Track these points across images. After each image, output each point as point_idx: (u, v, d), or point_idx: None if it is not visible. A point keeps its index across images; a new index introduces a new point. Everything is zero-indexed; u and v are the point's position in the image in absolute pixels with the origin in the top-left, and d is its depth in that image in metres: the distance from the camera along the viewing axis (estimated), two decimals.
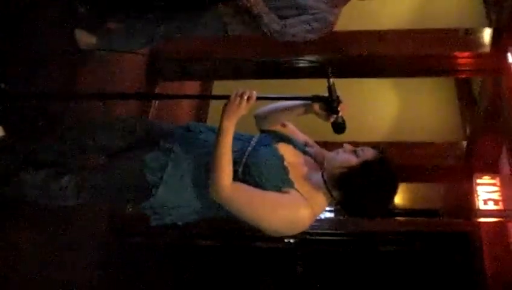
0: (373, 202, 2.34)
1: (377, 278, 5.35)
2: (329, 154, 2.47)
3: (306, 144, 2.70)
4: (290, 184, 2.39)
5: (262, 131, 2.70)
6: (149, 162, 2.56)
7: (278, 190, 2.37)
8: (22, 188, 2.79)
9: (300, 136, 2.74)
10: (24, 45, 3.39)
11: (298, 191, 2.38)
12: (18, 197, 2.87)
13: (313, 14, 3.65)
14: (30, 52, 3.44)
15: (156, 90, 5.67)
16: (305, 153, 2.63)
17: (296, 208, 2.34)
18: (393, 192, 2.38)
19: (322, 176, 2.42)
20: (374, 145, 2.49)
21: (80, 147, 2.92)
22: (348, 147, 2.42)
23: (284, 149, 2.54)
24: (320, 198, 2.42)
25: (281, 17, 3.66)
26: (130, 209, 5.03)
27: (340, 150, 2.42)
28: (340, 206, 2.44)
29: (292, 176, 2.42)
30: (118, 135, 2.83)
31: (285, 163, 2.45)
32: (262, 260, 5.47)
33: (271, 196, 2.35)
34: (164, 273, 5.29)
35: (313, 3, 3.66)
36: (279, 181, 2.39)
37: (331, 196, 2.40)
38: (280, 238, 5.41)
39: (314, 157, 2.62)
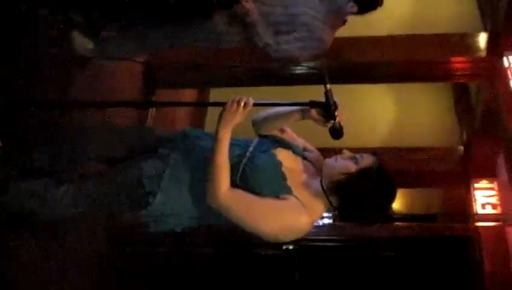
0: (371, 209, 2.33)
1: (376, 283, 5.34)
2: (327, 161, 2.46)
3: (305, 149, 2.70)
4: (288, 190, 2.38)
5: (260, 136, 2.70)
6: (147, 169, 2.56)
7: (276, 196, 2.36)
8: (19, 198, 2.78)
9: (299, 141, 2.74)
10: (20, 55, 3.38)
11: (296, 197, 2.37)
12: (15, 207, 2.86)
13: (307, 31, 3.62)
14: (26, 61, 3.44)
15: (153, 98, 5.67)
16: (304, 158, 2.63)
17: (294, 215, 2.33)
18: (391, 199, 2.38)
19: (321, 182, 2.43)
20: (371, 151, 2.49)
21: (77, 155, 2.91)
22: (346, 153, 2.42)
23: (283, 155, 2.54)
24: (318, 204, 2.42)
25: (276, 33, 3.64)
26: (127, 218, 5.03)
27: (338, 157, 2.42)
28: (338, 212, 2.44)
29: (290, 182, 2.42)
30: (115, 143, 2.83)
31: (283, 169, 2.45)
32: (261, 267, 5.46)
33: (268, 202, 2.35)
34: (163, 282, 5.28)
35: (310, 21, 3.61)
36: (277, 187, 2.38)
37: (329, 202, 2.40)
38: (278, 245, 5.41)
39: (313, 163, 2.62)
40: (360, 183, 2.31)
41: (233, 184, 2.37)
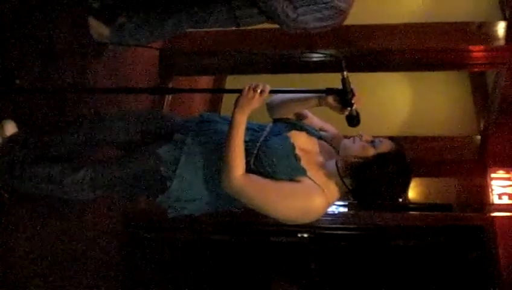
0: (384, 194, 2.34)
1: (391, 272, 5.34)
2: (345, 141, 2.46)
3: (322, 129, 2.70)
4: (302, 172, 2.39)
5: (275, 120, 2.71)
6: (163, 155, 2.57)
7: (291, 179, 2.38)
8: (36, 183, 2.80)
9: (316, 121, 2.75)
10: (38, 40, 3.40)
11: (311, 178, 2.38)
12: (32, 192, 2.88)
13: (325, 2, 3.62)
14: (44, 46, 3.46)
15: (169, 85, 5.68)
16: (320, 138, 2.63)
17: (309, 197, 2.34)
18: (406, 186, 2.39)
19: (336, 163, 2.42)
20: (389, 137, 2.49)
21: (94, 140, 2.92)
22: (366, 136, 2.41)
23: (296, 137, 2.54)
24: (334, 185, 2.43)
25: (295, 8, 3.63)
26: (144, 204, 5.05)
27: (357, 138, 2.41)
28: (351, 194, 2.44)
29: (305, 163, 2.42)
30: (131, 129, 2.84)
31: (296, 151, 2.45)
32: (276, 254, 5.46)
33: (283, 185, 2.36)
34: (177, 268, 5.30)
35: None
36: (291, 170, 2.39)
37: (344, 183, 2.40)
38: (293, 233, 5.41)
39: (330, 142, 2.62)
40: (375, 168, 2.30)
41: (248, 169, 2.38)
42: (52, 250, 3.73)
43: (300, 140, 2.54)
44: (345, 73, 2.37)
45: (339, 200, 2.51)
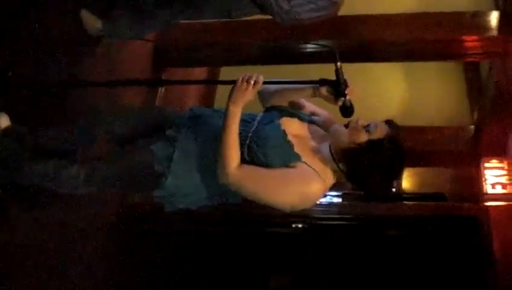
0: (378, 180, 2.34)
1: (386, 262, 5.35)
2: (336, 127, 2.46)
3: (313, 114, 2.71)
4: (297, 158, 2.39)
5: (266, 108, 2.70)
6: (156, 151, 2.57)
7: (285, 165, 2.37)
8: (31, 177, 2.81)
9: (308, 107, 2.75)
10: (31, 33, 3.39)
11: (306, 163, 2.38)
12: (27, 186, 2.89)
13: None
14: (37, 39, 3.44)
15: (163, 77, 5.67)
16: (312, 122, 2.63)
17: (306, 181, 2.35)
18: (399, 173, 2.40)
19: (330, 148, 2.42)
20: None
21: (89, 135, 2.93)
22: (362, 120, 2.39)
23: (288, 123, 2.54)
24: (329, 170, 2.42)
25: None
26: (139, 196, 5.04)
27: (352, 123, 2.39)
28: (346, 178, 2.43)
29: (298, 149, 2.42)
30: (127, 123, 2.84)
31: (288, 138, 2.45)
32: (271, 245, 5.46)
33: (279, 172, 2.36)
34: (172, 260, 5.30)
35: None
36: (285, 157, 2.39)
37: (338, 167, 2.39)
38: (288, 224, 5.41)
39: (322, 126, 2.62)
40: (369, 154, 2.30)
41: (243, 160, 2.38)
42: (47, 243, 3.72)
43: (293, 127, 2.54)
44: (338, 64, 2.38)
45: (336, 186, 2.50)
